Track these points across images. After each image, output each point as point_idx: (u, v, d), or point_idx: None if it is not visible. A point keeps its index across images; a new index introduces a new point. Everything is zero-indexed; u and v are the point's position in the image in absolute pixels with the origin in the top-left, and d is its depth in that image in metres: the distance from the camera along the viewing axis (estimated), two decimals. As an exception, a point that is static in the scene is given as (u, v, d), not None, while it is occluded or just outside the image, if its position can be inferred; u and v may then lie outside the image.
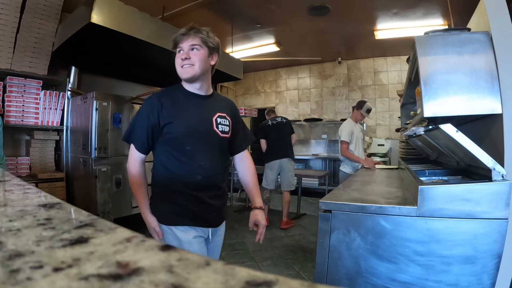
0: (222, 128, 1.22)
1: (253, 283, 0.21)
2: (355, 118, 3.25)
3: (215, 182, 1.22)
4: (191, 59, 1.12)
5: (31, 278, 0.21)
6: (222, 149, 1.25)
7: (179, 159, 1.16)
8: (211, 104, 1.23)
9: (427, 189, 1.10)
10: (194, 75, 1.14)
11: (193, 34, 1.12)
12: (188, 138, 1.15)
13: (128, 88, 4.07)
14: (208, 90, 1.25)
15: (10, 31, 2.77)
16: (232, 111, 1.31)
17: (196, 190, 1.17)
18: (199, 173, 1.16)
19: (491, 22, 1.14)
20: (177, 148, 1.15)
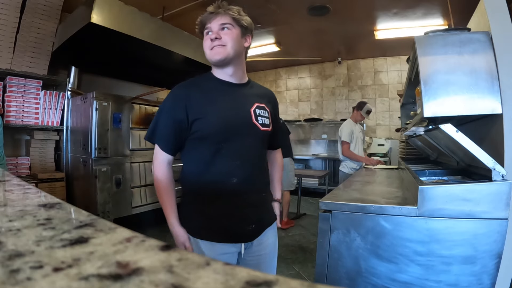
0: (262, 120, 1.03)
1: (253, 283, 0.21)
2: (355, 119, 3.26)
3: (254, 185, 1.03)
4: (222, 39, 0.96)
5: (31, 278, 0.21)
6: (262, 145, 1.06)
7: (212, 160, 0.97)
8: (248, 93, 1.05)
9: (427, 189, 1.10)
10: (227, 57, 0.97)
11: (222, 12, 0.96)
12: (222, 134, 0.97)
13: (128, 88, 4.07)
14: (243, 78, 1.07)
15: (10, 31, 2.77)
16: (271, 101, 1.13)
17: (231, 197, 0.99)
18: (235, 175, 0.98)
19: (491, 22, 1.14)
20: (209, 147, 0.97)
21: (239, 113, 1.00)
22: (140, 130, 3.17)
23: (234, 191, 0.98)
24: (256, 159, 1.04)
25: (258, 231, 1.06)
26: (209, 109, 0.98)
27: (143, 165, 3.17)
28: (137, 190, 3.11)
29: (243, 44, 1.02)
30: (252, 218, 1.03)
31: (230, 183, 0.98)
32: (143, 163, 3.17)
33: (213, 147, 0.97)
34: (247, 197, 1.01)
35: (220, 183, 0.98)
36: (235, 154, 0.98)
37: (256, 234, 1.05)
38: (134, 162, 3.08)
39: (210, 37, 0.97)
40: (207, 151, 0.98)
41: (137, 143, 3.12)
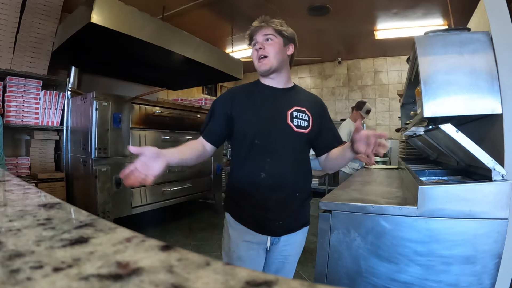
0: (298, 122, 1.10)
1: (253, 283, 0.21)
2: (354, 119, 3.26)
3: (284, 182, 1.08)
4: (265, 49, 1.08)
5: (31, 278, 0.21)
6: (297, 146, 1.12)
7: (247, 156, 1.09)
8: (288, 97, 1.15)
9: (427, 189, 1.10)
10: (271, 67, 1.09)
11: (265, 25, 1.09)
12: (257, 133, 1.07)
13: (128, 88, 4.08)
14: (287, 83, 1.18)
15: (10, 31, 2.77)
16: (316, 106, 1.19)
17: (260, 191, 1.07)
18: (264, 170, 1.07)
19: (491, 22, 1.14)
20: (246, 143, 1.09)
21: (275, 114, 1.10)
22: (140, 130, 3.17)
23: (263, 186, 1.07)
24: (289, 159, 1.10)
25: (287, 229, 1.12)
26: (249, 108, 1.10)
27: (143, 165, 3.17)
28: (137, 190, 3.11)
29: (286, 53, 1.13)
30: (280, 215, 1.09)
31: (258, 177, 1.07)
32: (143, 163, 3.16)
33: (249, 143, 1.08)
34: (274, 193, 1.08)
35: (250, 177, 1.09)
36: (266, 151, 1.08)
37: (284, 232, 1.12)
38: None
39: (256, 48, 1.10)
40: (244, 147, 1.09)
41: (137, 143, 3.12)
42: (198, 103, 4.29)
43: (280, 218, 1.10)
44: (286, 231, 1.13)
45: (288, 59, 1.16)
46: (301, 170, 1.15)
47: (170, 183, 3.46)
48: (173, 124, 3.54)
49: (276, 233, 1.11)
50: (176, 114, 3.59)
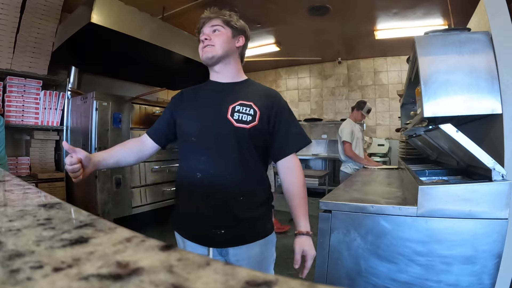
0: (239, 116, 0.98)
1: (253, 283, 0.21)
2: (355, 118, 3.26)
3: (222, 184, 0.95)
4: (211, 39, 1.02)
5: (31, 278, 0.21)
6: (240, 143, 0.97)
7: (184, 154, 1.04)
8: (234, 91, 1.04)
9: (427, 189, 1.10)
10: (215, 55, 1.01)
11: (213, 16, 1.04)
12: (193, 129, 1.00)
13: (128, 88, 4.08)
14: (237, 77, 1.09)
15: (10, 31, 2.77)
16: (268, 101, 1.03)
17: (196, 194, 0.97)
18: (199, 169, 0.97)
19: (491, 22, 1.14)
20: (183, 142, 1.05)
21: (214, 110, 1.01)
22: (140, 130, 3.17)
23: (198, 187, 0.96)
24: (229, 156, 0.97)
25: (234, 240, 0.97)
26: (189, 107, 1.07)
27: (143, 165, 3.17)
28: (137, 190, 3.11)
29: (234, 44, 1.06)
30: (220, 221, 0.96)
31: (195, 178, 0.97)
32: (143, 163, 3.17)
33: (186, 142, 1.04)
34: (212, 196, 0.95)
35: (187, 178, 1.00)
36: (201, 148, 0.99)
37: (229, 243, 0.97)
38: (134, 162, 3.08)
39: (201, 39, 1.04)
40: (183, 146, 1.05)
41: (137, 143, 3.12)
42: (198, 103, 4.28)
43: (221, 226, 0.95)
44: (232, 242, 0.97)
45: (237, 51, 1.08)
46: (247, 170, 1.00)
47: (170, 183, 3.46)
48: (173, 124, 3.53)
49: (219, 244, 0.98)
50: (176, 114, 3.58)
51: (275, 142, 1.04)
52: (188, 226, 1.01)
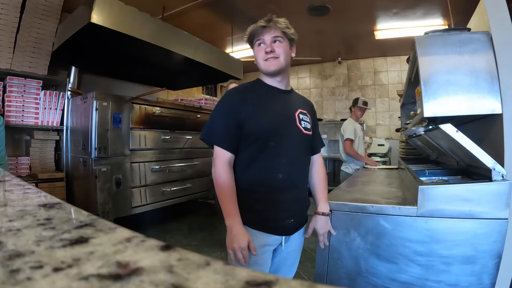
0: (304, 124, 1.14)
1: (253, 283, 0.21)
2: (355, 116, 3.27)
3: (297, 182, 1.12)
4: (275, 51, 1.06)
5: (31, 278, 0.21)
6: (305, 147, 1.17)
7: (260, 158, 1.06)
8: (292, 99, 1.17)
9: (427, 189, 1.10)
10: (280, 68, 1.08)
11: (273, 25, 1.06)
12: (271, 134, 1.06)
13: (128, 88, 4.08)
14: (288, 85, 1.19)
15: (10, 31, 2.77)
16: (311, 109, 1.25)
17: (276, 192, 1.07)
18: (281, 171, 1.07)
19: (491, 22, 1.14)
20: (259, 146, 1.06)
21: (286, 116, 1.11)
22: (140, 130, 3.17)
23: (279, 187, 1.07)
24: (300, 159, 1.14)
25: (297, 227, 1.15)
26: (260, 110, 1.07)
27: (143, 165, 3.17)
28: (137, 190, 3.11)
29: (290, 55, 1.14)
30: (292, 213, 1.12)
31: (276, 179, 1.06)
32: (143, 163, 3.17)
33: (263, 145, 1.05)
34: (290, 193, 1.10)
35: (265, 179, 1.07)
36: (281, 153, 1.07)
37: (295, 230, 1.14)
38: (134, 162, 3.08)
39: (265, 50, 1.07)
40: (257, 149, 1.06)
41: (137, 143, 3.12)
42: (198, 103, 4.29)
43: (292, 217, 1.11)
44: (296, 228, 1.15)
45: (290, 61, 1.15)
46: (307, 170, 1.23)
47: (170, 183, 3.46)
48: (173, 124, 3.54)
49: (289, 232, 1.13)
50: (176, 114, 3.59)
51: (315, 141, 1.24)
52: (265, 219, 1.07)
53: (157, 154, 3.34)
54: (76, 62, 3.35)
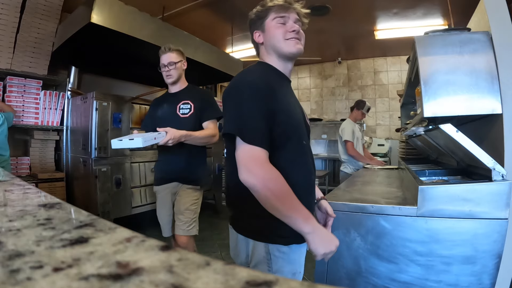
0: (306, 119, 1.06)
1: (253, 283, 0.21)
2: (355, 118, 3.27)
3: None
4: (299, 33, 0.96)
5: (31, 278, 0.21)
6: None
7: (295, 158, 0.89)
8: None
9: (427, 189, 1.10)
10: (301, 52, 0.97)
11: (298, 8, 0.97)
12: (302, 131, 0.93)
13: (128, 88, 4.07)
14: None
15: (10, 31, 2.77)
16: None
17: (312, 195, 0.97)
18: (313, 172, 0.98)
19: (491, 22, 1.14)
20: (293, 144, 0.89)
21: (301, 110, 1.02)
22: (140, 130, 3.16)
23: (311, 189, 0.97)
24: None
25: None
26: (286, 101, 0.91)
27: (143, 165, 3.17)
28: (137, 190, 3.11)
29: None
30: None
31: (311, 180, 0.96)
32: (143, 163, 3.17)
33: (297, 143, 0.90)
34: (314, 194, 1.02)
35: (304, 181, 0.92)
36: (309, 151, 0.97)
37: None
38: (134, 162, 3.07)
39: (290, 28, 0.93)
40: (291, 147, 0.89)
41: (137, 143, 3.12)
42: (198, 103, 4.28)
43: None
44: None
45: None
46: None
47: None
48: (173, 124, 3.53)
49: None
50: (176, 114, 3.59)
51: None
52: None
53: (157, 154, 3.34)
54: (76, 62, 3.35)
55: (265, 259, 0.88)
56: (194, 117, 1.76)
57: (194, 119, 1.76)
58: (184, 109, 1.78)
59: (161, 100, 1.96)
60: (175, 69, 1.81)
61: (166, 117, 1.81)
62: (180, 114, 1.77)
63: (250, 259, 0.91)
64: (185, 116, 1.76)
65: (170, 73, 1.81)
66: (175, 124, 1.64)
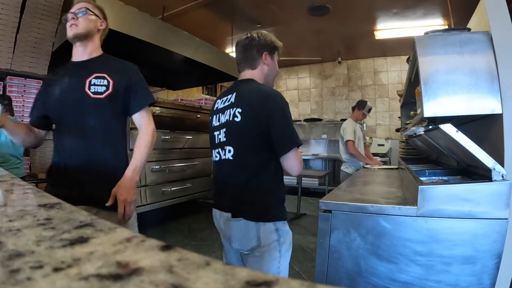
0: None
1: (253, 283, 0.21)
2: (356, 118, 3.27)
3: None
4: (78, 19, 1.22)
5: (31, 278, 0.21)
6: None
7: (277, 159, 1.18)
8: None
9: (427, 189, 1.10)
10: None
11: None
12: None
13: (128, 88, 4.07)
14: None
15: (10, 31, 2.77)
16: None
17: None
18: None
19: (491, 22, 1.14)
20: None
21: None
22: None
23: None
24: None
25: None
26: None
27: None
28: (137, 190, 3.11)
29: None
30: None
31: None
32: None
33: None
34: None
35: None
36: None
37: None
38: (134, 162, 3.08)
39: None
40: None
41: (137, 143, 3.12)
42: (198, 103, 4.29)
43: None
44: None
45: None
46: None
47: (170, 183, 3.46)
48: (173, 124, 3.54)
49: None
50: (176, 114, 3.59)
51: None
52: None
53: (157, 154, 3.34)
54: (76, 62, 3.35)
55: (275, 235, 1.12)
56: (113, 100, 1.19)
57: (112, 103, 1.19)
58: (97, 85, 1.17)
59: (59, 74, 1.29)
60: (86, 19, 1.22)
61: (67, 99, 1.16)
62: (91, 92, 1.15)
63: (261, 240, 1.10)
64: (98, 96, 1.16)
65: (76, 22, 1.19)
66: (82, 110, 1.14)
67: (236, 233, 1.14)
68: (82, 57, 1.26)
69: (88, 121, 1.16)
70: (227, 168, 1.17)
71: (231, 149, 1.13)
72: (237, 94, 1.16)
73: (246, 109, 1.09)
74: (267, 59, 1.22)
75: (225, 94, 1.24)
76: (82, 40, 1.24)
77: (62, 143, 1.19)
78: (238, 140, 1.12)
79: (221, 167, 1.20)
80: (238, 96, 1.16)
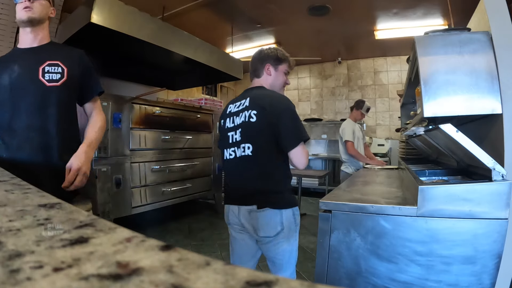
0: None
1: (253, 283, 0.21)
2: (355, 118, 3.27)
3: None
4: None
5: (31, 278, 0.21)
6: None
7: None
8: None
9: (427, 189, 1.10)
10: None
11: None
12: None
13: (128, 88, 4.07)
14: None
15: (10, 31, 2.77)
16: None
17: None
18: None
19: (491, 22, 1.14)
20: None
21: None
22: (140, 130, 3.17)
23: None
24: None
25: None
26: None
27: (143, 165, 3.17)
28: (137, 190, 3.11)
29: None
30: None
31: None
32: (143, 163, 3.17)
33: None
34: None
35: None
36: None
37: None
38: (134, 162, 3.07)
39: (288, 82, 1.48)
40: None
41: (137, 143, 3.12)
42: (198, 103, 4.29)
43: None
44: None
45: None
46: None
47: (170, 183, 3.46)
48: (173, 124, 3.54)
49: None
50: (176, 114, 3.59)
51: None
52: None
53: (157, 154, 3.34)
54: (76, 62, 3.34)
55: (292, 219, 1.30)
56: (68, 87, 1.20)
57: (67, 90, 1.20)
58: (51, 73, 1.16)
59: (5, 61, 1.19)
60: (41, 4, 1.19)
61: (20, 86, 1.13)
62: (46, 80, 1.14)
63: (284, 225, 1.27)
64: (54, 84, 1.15)
65: (32, 5, 1.15)
66: (37, 98, 1.13)
67: (262, 222, 1.27)
68: (32, 44, 1.21)
69: (44, 110, 1.14)
70: (246, 163, 1.29)
71: (250, 146, 1.27)
72: (250, 99, 1.32)
73: (260, 111, 1.25)
74: (270, 70, 1.40)
75: (238, 100, 1.39)
76: (35, 25, 1.19)
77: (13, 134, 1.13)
78: (256, 138, 1.27)
79: (238, 164, 1.32)
80: (251, 100, 1.31)
